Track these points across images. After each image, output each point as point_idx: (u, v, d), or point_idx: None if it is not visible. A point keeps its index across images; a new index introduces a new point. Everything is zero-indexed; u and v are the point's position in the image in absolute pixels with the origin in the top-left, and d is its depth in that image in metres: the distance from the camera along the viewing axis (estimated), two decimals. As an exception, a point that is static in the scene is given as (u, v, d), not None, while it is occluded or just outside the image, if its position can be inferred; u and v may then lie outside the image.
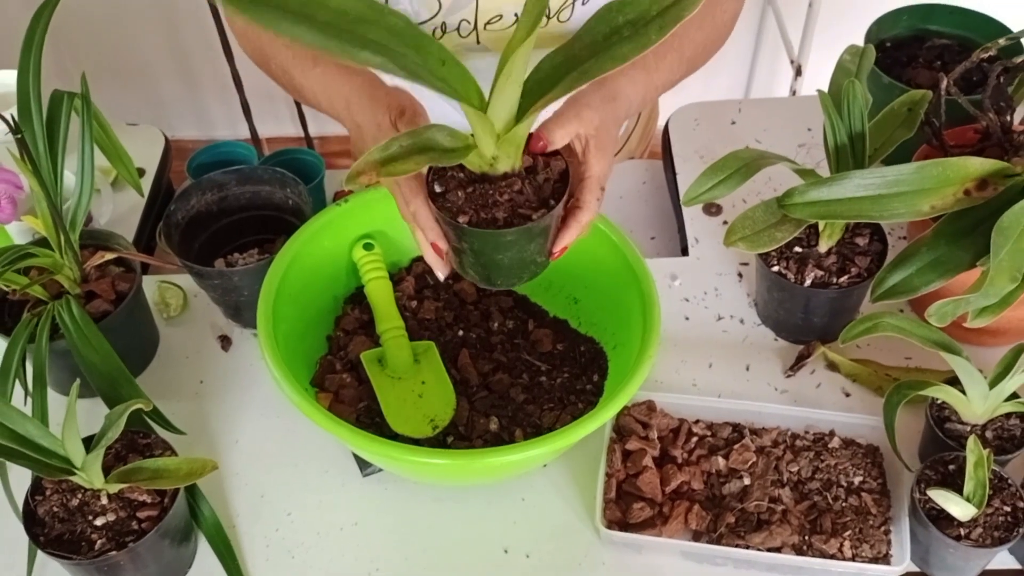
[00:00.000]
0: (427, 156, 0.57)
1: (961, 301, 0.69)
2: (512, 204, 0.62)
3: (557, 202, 0.63)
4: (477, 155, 0.60)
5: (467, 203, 0.63)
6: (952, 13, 1.05)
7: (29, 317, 0.80)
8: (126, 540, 0.69)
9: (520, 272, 0.67)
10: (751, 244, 0.76)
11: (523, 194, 0.62)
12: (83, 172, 0.81)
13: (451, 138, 0.58)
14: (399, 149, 0.56)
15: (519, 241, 0.63)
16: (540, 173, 0.64)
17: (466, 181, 0.63)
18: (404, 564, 0.77)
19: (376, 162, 0.55)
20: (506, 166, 0.62)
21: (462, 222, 0.62)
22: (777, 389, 0.87)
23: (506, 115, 0.57)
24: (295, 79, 0.79)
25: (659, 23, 0.48)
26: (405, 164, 0.56)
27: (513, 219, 0.62)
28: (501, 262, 0.65)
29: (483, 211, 0.62)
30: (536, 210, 0.62)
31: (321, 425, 0.69)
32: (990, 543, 0.69)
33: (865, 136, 0.79)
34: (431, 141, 0.57)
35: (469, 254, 0.65)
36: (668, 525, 0.75)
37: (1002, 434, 0.76)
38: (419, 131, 0.57)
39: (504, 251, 0.64)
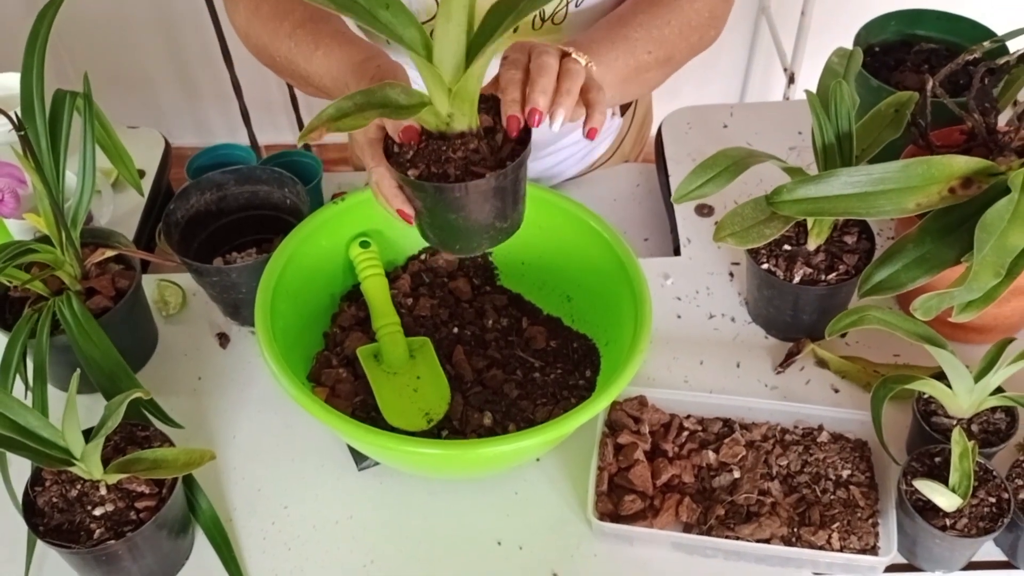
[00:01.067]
0: (379, 111, 0.57)
1: (946, 295, 0.71)
2: (466, 161, 0.61)
3: (512, 163, 0.62)
4: (432, 113, 0.60)
5: (419, 158, 0.62)
6: (939, 18, 1.07)
7: (30, 312, 0.81)
8: (124, 530, 0.70)
9: (478, 237, 0.65)
10: (740, 240, 0.78)
11: (479, 152, 0.61)
12: (84, 170, 0.83)
13: (405, 95, 0.58)
14: (352, 105, 0.56)
15: (470, 200, 0.62)
16: (499, 133, 0.63)
17: (423, 139, 0.63)
18: (399, 556, 0.78)
19: (328, 116, 0.56)
20: (462, 124, 0.61)
21: (411, 175, 0.61)
22: (767, 386, 0.88)
23: (453, 61, 0.56)
24: (300, 67, 0.80)
25: None
26: (355, 119, 0.56)
27: (465, 176, 0.61)
28: (455, 223, 0.64)
29: (435, 165, 0.61)
30: (491, 169, 0.61)
31: (317, 417, 0.70)
32: (975, 533, 0.70)
33: (852, 136, 0.81)
34: (385, 98, 0.57)
35: (425, 214, 0.65)
36: (659, 517, 0.76)
37: (987, 427, 0.77)
38: (374, 89, 0.57)
39: (456, 210, 0.62)
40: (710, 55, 0.96)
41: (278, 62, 0.83)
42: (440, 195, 0.62)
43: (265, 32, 0.83)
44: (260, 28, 0.83)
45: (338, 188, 1.19)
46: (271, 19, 0.82)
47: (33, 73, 0.79)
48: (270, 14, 0.83)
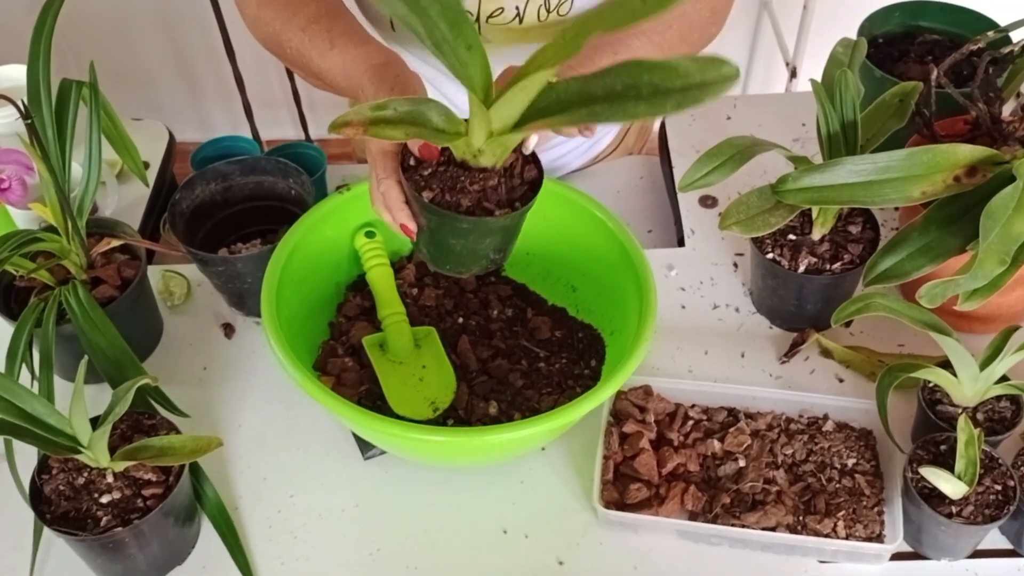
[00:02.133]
0: (417, 129, 0.57)
1: (951, 283, 0.71)
2: (480, 195, 0.62)
3: (523, 206, 0.63)
4: (465, 143, 0.61)
5: (436, 181, 0.63)
6: (943, 10, 1.07)
7: (36, 302, 0.81)
8: (131, 518, 0.70)
9: (470, 263, 0.67)
10: (745, 228, 0.78)
11: (496, 191, 0.63)
12: (91, 158, 0.83)
13: (446, 119, 0.59)
14: (393, 113, 0.56)
15: (475, 232, 0.64)
16: (516, 177, 0.65)
17: (443, 162, 0.64)
18: (405, 545, 0.78)
19: (367, 119, 0.56)
20: (488, 162, 0.62)
21: (425, 198, 0.62)
22: (772, 375, 0.88)
23: (506, 119, 0.57)
24: (313, 62, 0.79)
25: (678, 98, 0.48)
26: (393, 130, 0.56)
27: (476, 209, 0.62)
28: (453, 248, 0.65)
29: (449, 193, 0.62)
30: (501, 207, 0.63)
31: (324, 404, 0.71)
32: (981, 520, 0.71)
33: (857, 125, 0.81)
34: (424, 116, 0.57)
35: (426, 231, 0.66)
36: (664, 505, 0.77)
37: (993, 416, 0.77)
38: (417, 101, 0.58)
39: (458, 237, 0.64)
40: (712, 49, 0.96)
41: (288, 53, 0.83)
42: (447, 222, 0.63)
43: (277, 21, 0.82)
44: (272, 16, 0.82)
45: (342, 180, 1.19)
46: (283, 9, 0.82)
47: (40, 61, 0.79)
48: (283, 4, 0.82)
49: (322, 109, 2.13)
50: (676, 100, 0.48)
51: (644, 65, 0.49)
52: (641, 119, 0.53)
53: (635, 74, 0.50)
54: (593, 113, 0.52)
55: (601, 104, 0.52)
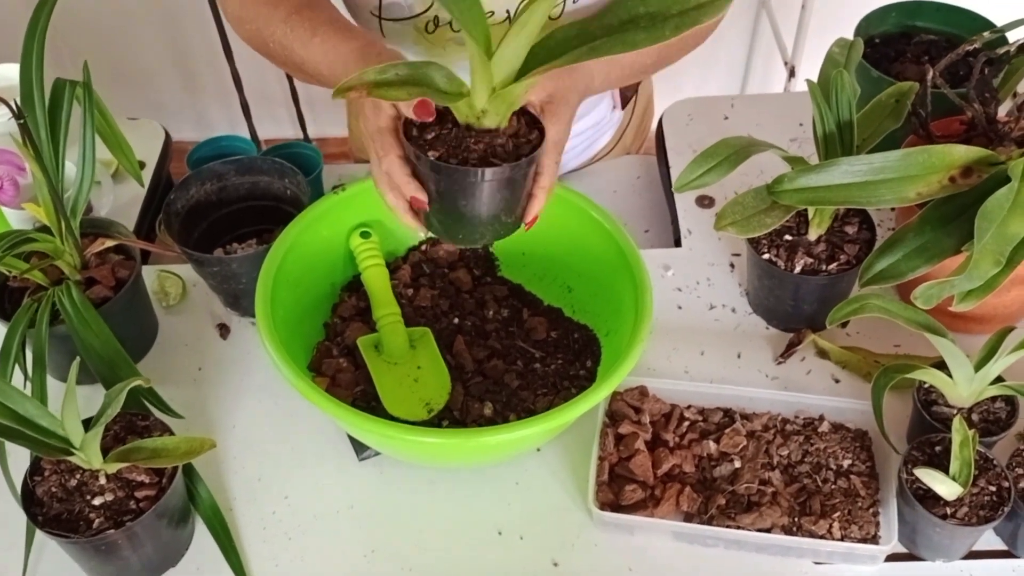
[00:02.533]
0: (420, 90, 0.57)
1: (946, 284, 0.71)
2: (486, 153, 0.62)
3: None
4: (467, 104, 0.60)
5: (441, 142, 0.63)
6: (939, 10, 1.07)
7: (29, 302, 0.81)
8: (124, 520, 0.70)
9: (484, 228, 0.67)
10: (741, 229, 0.78)
11: (503, 148, 0.62)
12: (84, 158, 0.83)
13: (448, 80, 0.58)
14: (395, 76, 0.56)
15: (483, 187, 0.63)
16: (522, 137, 0.64)
17: (448, 127, 0.63)
18: (400, 546, 0.78)
19: (370, 82, 0.55)
20: (492, 122, 0.62)
21: (431, 156, 0.62)
22: (768, 376, 0.88)
23: (508, 68, 0.56)
24: (295, 53, 0.80)
25: (676, 22, 0.49)
26: (397, 91, 0.56)
27: (482, 164, 0.62)
28: (464, 212, 0.65)
29: (455, 152, 0.62)
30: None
31: (318, 405, 0.70)
32: (975, 522, 0.70)
33: (853, 125, 0.81)
34: (427, 77, 0.57)
35: (436, 201, 0.65)
36: (660, 507, 0.76)
37: (988, 417, 0.77)
38: (418, 64, 0.57)
39: (468, 196, 0.63)
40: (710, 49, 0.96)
41: (271, 48, 0.83)
42: (455, 179, 0.62)
43: (259, 17, 0.82)
44: (253, 13, 0.83)
45: (338, 180, 1.18)
46: (264, 4, 0.82)
47: (33, 61, 0.79)
48: (263, 0, 0.82)
49: (321, 108, 2.13)
50: (674, 24, 0.49)
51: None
52: (642, 47, 0.53)
53: (631, 8, 0.51)
54: (593, 49, 0.53)
55: (600, 39, 0.52)
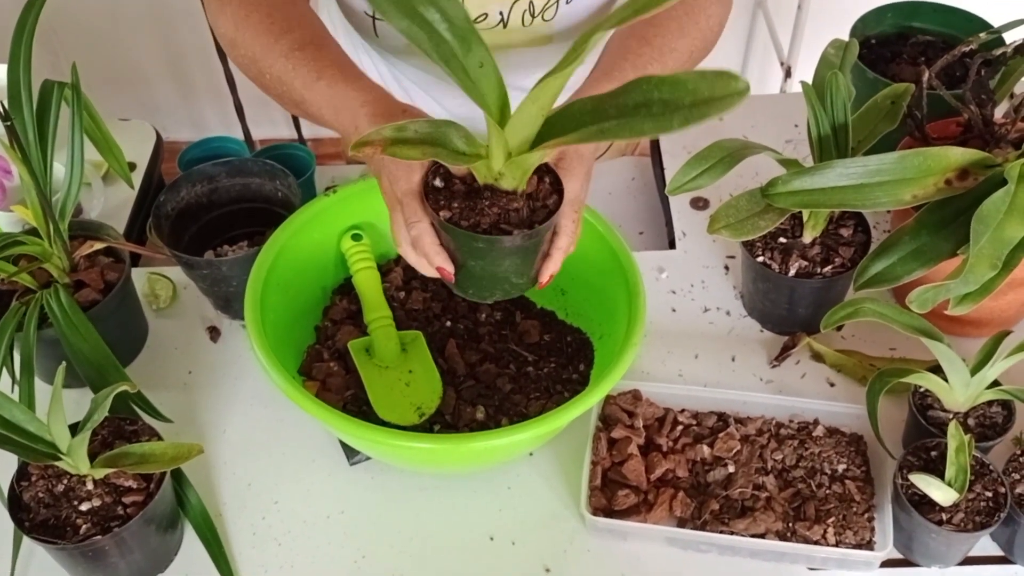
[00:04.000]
0: (436, 150, 0.56)
1: (942, 288, 0.70)
2: (499, 217, 0.62)
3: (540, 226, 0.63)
4: (485, 165, 0.60)
5: (458, 202, 0.63)
6: (936, 11, 1.06)
7: (17, 305, 0.80)
8: (111, 525, 0.70)
9: (492, 287, 0.67)
10: (734, 232, 0.77)
11: (517, 213, 0.62)
12: (73, 161, 0.82)
13: (465, 142, 0.58)
14: (413, 134, 0.56)
15: (493, 252, 0.63)
16: (539, 200, 0.64)
17: (466, 186, 0.63)
18: (390, 552, 0.77)
19: (387, 139, 0.55)
20: (510, 185, 0.62)
21: (443, 217, 0.62)
22: (762, 379, 0.88)
23: (522, 138, 0.57)
24: (295, 91, 0.75)
25: (685, 114, 0.47)
26: (412, 150, 0.55)
27: (493, 230, 0.62)
28: (473, 270, 0.65)
29: (468, 213, 0.62)
30: (520, 229, 0.63)
31: (308, 411, 0.70)
32: (971, 528, 0.70)
33: (848, 127, 0.80)
34: (445, 137, 0.57)
35: (447, 252, 0.66)
36: (653, 512, 0.76)
37: (984, 421, 0.76)
38: (437, 123, 0.57)
39: (476, 258, 0.64)
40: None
41: (267, 80, 0.79)
42: (464, 242, 0.63)
43: (257, 46, 0.78)
44: (251, 40, 0.78)
45: (331, 181, 1.18)
46: (264, 34, 0.77)
47: (20, 63, 0.78)
48: (263, 28, 0.78)
49: (315, 108, 2.12)
50: (683, 116, 0.47)
51: (654, 81, 0.48)
52: (648, 136, 0.52)
53: (646, 91, 0.49)
54: (602, 131, 0.52)
55: (611, 121, 0.51)
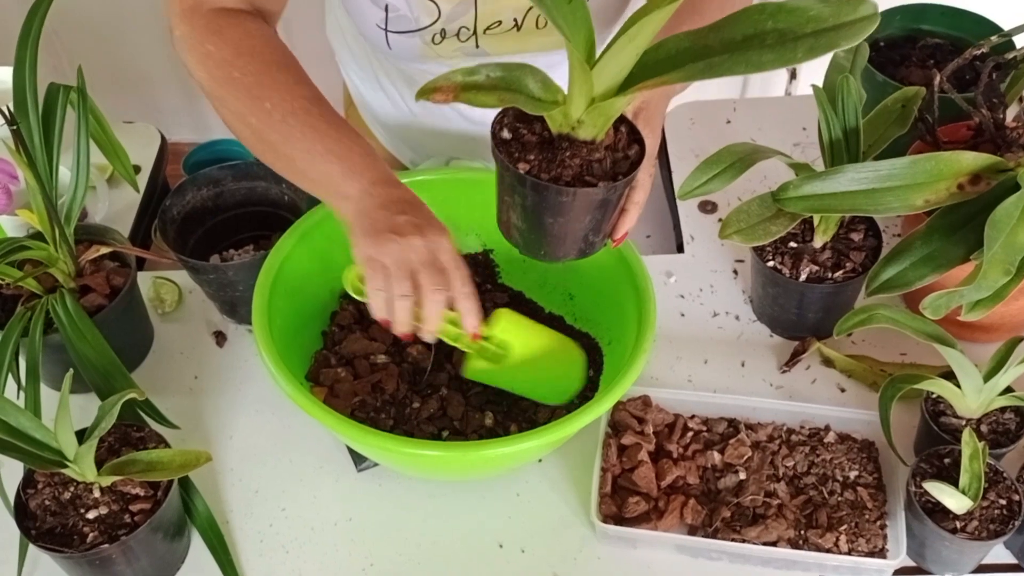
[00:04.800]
0: (513, 96, 0.53)
1: (955, 294, 0.70)
2: (582, 169, 0.58)
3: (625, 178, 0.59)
4: (562, 113, 0.56)
5: (533, 154, 0.58)
6: (944, 13, 1.05)
7: (23, 311, 0.79)
8: (118, 533, 0.69)
9: (568, 246, 0.63)
10: (746, 237, 0.76)
11: (600, 164, 0.58)
12: (79, 165, 0.81)
13: (542, 87, 0.54)
14: (485, 79, 0.52)
15: (575, 207, 0.59)
16: (619, 151, 0.60)
17: (537, 136, 0.59)
18: (398, 559, 0.77)
19: (458, 84, 0.52)
20: (588, 134, 0.57)
21: (521, 170, 0.58)
22: (772, 385, 0.87)
23: (611, 80, 0.52)
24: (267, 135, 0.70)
25: (810, 43, 0.43)
26: (487, 96, 0.52)
27: (576, 183, 0.58)
28: (550, 227, 0.60)
29: (547, 165, 0.58)
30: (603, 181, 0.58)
31: (317, 418, 0.69)
32: (986, 536, 0.69)
33: (859, 131, 0.79)
34: (519, 82, 0.53)
35: (518, 211, 0.61)
36: (664, 519, 0.75)
37: (997, 428, 0.76)
38: (510, 66, 0.53)
39: (557, 214, 0.59)
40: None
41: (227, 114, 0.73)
42: (545, 196, 0.58)
43: (240, 103, 0.72)
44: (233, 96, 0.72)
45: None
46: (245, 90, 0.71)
47: (26, 67, 0.78)
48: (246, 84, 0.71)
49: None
50: (807, 46, 0.43)
51: (768, 10, 0.45)
52: (768, 69, 0.47)
53: (757, 22, 0.45)
54: (711, 66, 0.47)
55: (719, 56, 0.47)
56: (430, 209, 0.69)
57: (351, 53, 1.02)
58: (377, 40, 0.86)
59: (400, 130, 1.06)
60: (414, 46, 0.86)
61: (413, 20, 0.82)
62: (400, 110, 1.00)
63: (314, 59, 1.42)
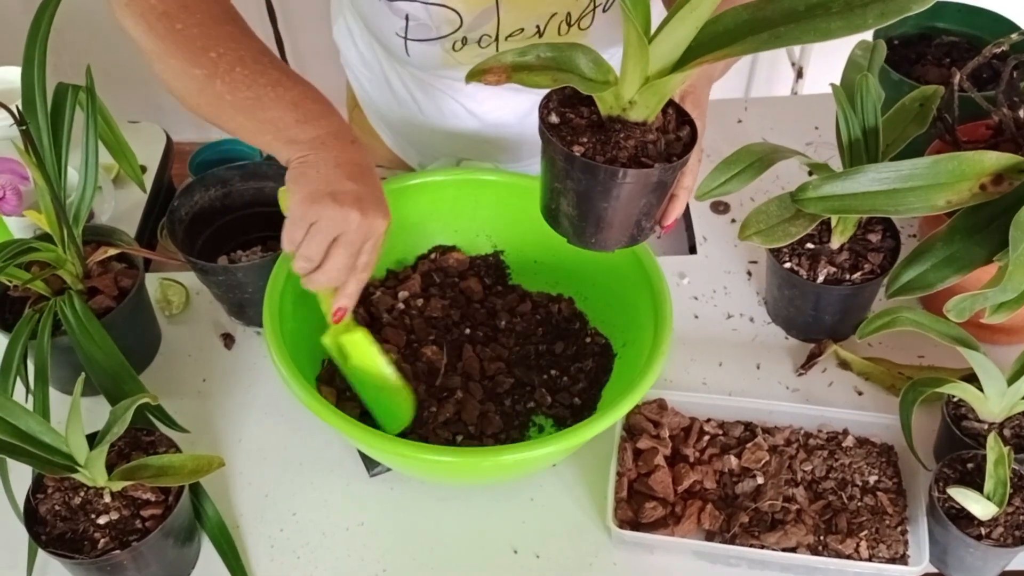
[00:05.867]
0: (566, 76, 0.52)
1: (979, 296, 0.68)
2: (636, 151, 0.57)
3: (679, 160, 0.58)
4: (613, 94, 0.55)
5: (585, 137, 0.57)
6: (960, 11, 1.04)
7: (31, 313, 0.78)
8: (129, 539, 0.68)
9: (620, 231, 0.62)
10: (766, 238, 0.75)
11: (654, 146, 0.57)
12: (87, 165, 0.80)
13: (594, 66, 0.53)
14: (536, 59, 0.52)
15: (632, 189, 0.58)
16: (670, 132, 0.59)
17: (586, 120, 0.58)
18: (411, 565, 0.75)
19: (509, 65, 0.51)
20: (640, 115, 0.56)
21: (576, 152, 0.57)
22: (788, 388, 0.86)
23: (667, 56, 0.51)
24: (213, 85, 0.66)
25: (880, 8, 0.42)
26: (540, 77, 0.51)
27: (632, 165, 0.57)
28: (604, 212, 0.59)
29: (602, 147, 0.57)
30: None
31: (329, 422, 0.68)
32: (1011, 543, 0.68)
33: (878, 131, 0.78)
34: (571, 62, 0.52)
35: (571, 197, 0.60)
36: (681, 525, 0.74)
37: (1020, 432, 0.75)
38: (561, 46, 0.52)
39: (612, 198, 0.58)
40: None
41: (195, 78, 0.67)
42: (600, 179, 0.57)
43: (184, 54, 0.67)
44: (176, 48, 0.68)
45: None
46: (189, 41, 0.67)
47: (35, 66, 0.77)
48: (190, 35, 0.67)
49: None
50: (878, 11, 0.42)
51: None
52: (837, 37, 0.46)
53: None
54: (777, 37, 0.46)
55: (783, 26, 0.46)
56: (379, 181, 0.68)
57: (359, 54, 1.01)
58: (396, 48, 0.85)
59: (407, 131, 1.04)
60: (434, 54, 0.84)
61: (434, 29, 0.81)
62: (408, 110, 0.99)
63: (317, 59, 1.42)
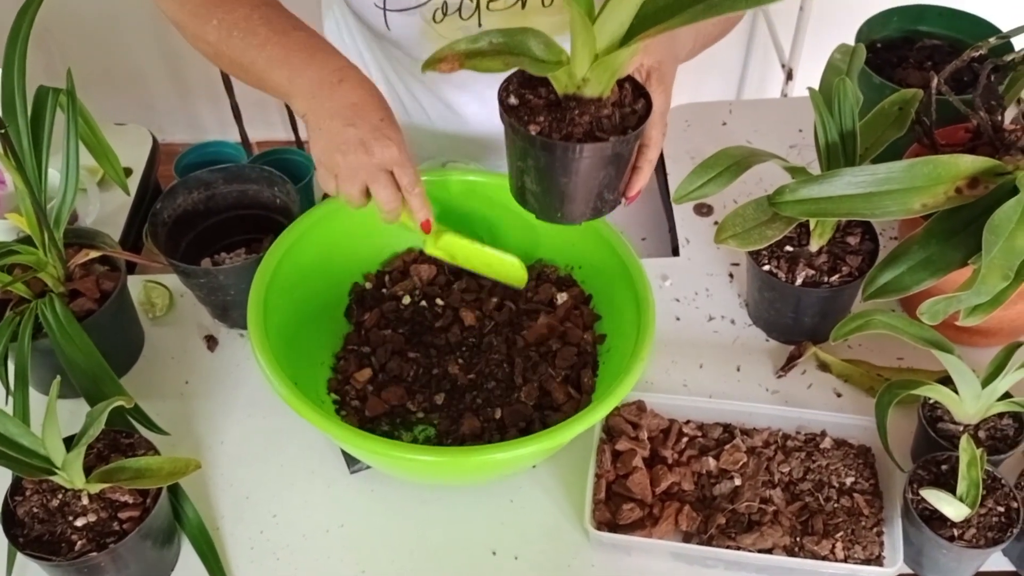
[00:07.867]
0: (518, 59, 0.54)
1: (953, 299, 0.69)
2: (592, 125, 0.59)
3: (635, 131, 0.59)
4: (567, 73, 0.57)
5: (542, 116, 0.59)
6: (942, 15, 1.05)
7: (12, 315, 0.79)
8: (107, 541, 0.68)
9: (584, 204, 0.64)
10: (742, 241, 0.76)
11: (609, 120, 0.59)
12: (68, 168, 0.80)
13: (545, 48, 0.55)
14: (488, 45, 0.53)
15: (589, 163, 0.59)
16: (626, 106, 0.61)
17: (544, 99, 0.60)
18: (391, 566, 0.76)
19: (462, 53, 0.53)
20: (594, 92, 0.58)
21: (532, 131, 0.59)
22: (768, 390, 0.86)
23: (613, 33, 0.53)
24: (224, 52, 0.75)
25: None
26: (492, 62, 0.53)
27: (587, 140, 0.58)
28: (566, 187, 0.61)
29: (558, 125, 0.59)
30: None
31: (309, 420, 0.68)
32: (983, 544, 0.69)
33: (856, 134, 0.79)
34: (523, 45, 0.54)
35: (532, 173, 0.62)
36: (658, 526, 0.74)
37: (995, 434, 0.75)
38: (513, 31, 0.54)
39: (571, 173, 0.60)
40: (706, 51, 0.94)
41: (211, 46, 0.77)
42: (557, 155, 0.59)
43: (195, 25, 0.77)
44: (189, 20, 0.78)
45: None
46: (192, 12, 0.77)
47: (14, 69, 0.77)
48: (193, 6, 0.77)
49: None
50: None
51: None
52: (770, 3, 0.49)
53: None
54: (711, 6, 0.48)
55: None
56: (380, 104, 0.72)
57: (348, 49, 1.01)
58: (376, 22, 0.85)
59: None
60: (414, 25, 0.84)
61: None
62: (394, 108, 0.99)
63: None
